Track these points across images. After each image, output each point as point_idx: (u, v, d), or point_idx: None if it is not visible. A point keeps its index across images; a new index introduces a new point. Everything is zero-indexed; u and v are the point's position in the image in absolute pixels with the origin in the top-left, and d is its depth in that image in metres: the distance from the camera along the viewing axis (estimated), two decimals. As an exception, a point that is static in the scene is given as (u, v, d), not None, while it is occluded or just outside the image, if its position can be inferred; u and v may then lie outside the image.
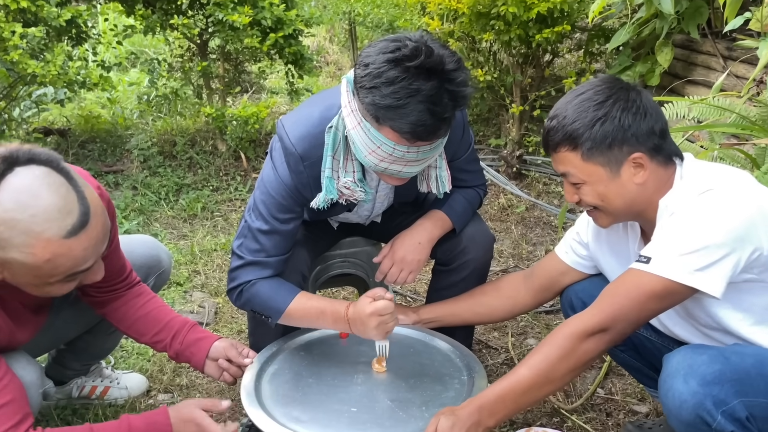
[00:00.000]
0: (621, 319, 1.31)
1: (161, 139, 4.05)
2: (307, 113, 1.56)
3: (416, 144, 1.38)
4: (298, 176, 1.54)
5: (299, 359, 1.66)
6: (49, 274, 1.21)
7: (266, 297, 1.60)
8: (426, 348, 1.71)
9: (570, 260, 1.68)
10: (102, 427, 1.40)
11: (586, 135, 1.33)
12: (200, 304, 2.53)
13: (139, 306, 1.63)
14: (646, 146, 1.34)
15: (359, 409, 1.45)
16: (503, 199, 3.50)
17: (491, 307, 1.76)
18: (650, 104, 1.35)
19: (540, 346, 1.36)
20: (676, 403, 1.23)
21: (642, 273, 1.29)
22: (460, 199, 1.77)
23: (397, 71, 1.32)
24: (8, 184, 1.13)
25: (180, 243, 3.11)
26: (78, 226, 1.18)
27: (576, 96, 1.37)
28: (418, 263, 1.73)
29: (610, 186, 1.37)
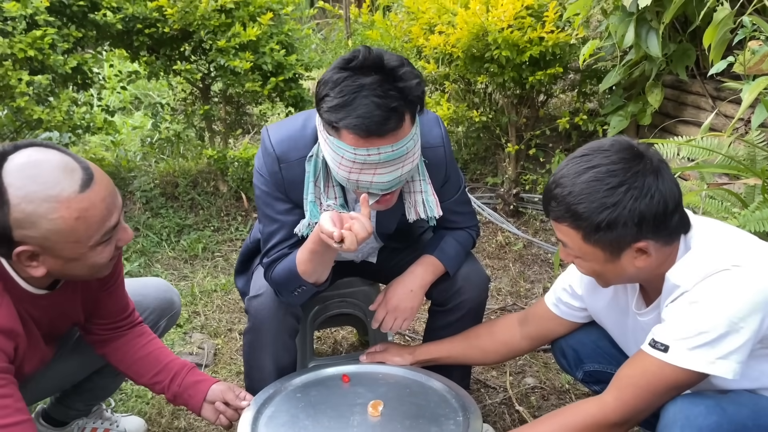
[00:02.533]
0: (642, 409, 1.31)
1: (164, 180, 4.12)
2: (291, 121, 1.65)
3: (372, 142, 1.39)
4: (274, 175, 1.60)
5: (296, 401, 1.67)
6: (86, 234, 1.25)
7: (282, 272, 1.63)
8: (422, 389, 1.72)
9: (561, 312, 1.68)
10: None
11: (590, 220, 1.25)
12: (200, 345, 2.54)
13: (140, 347, 1.66)
14: (653, 232, 1.27)
15: (355, 451, 1.46)
16: (501, 237, 3.53)
17: (485, 351, 1.78)
18: (667, 185, 1.26)
19: (556, 422, 1.37)
20: None
21: (662, 363, 1.26)
22: (452, 242, 1.80)
23: (342, 74, 1.40)
24: (8, 168, 1.20)
25: (180, 284, 3.14)
26: (87, 179, 1.24)
27: (587, 168, 1.26)
28: (411, 310, 1.76)
29: (606, 266, 1.33)
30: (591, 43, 2.82)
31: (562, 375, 2.35)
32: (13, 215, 1.20)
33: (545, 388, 2.29)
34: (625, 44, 2.71)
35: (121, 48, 3.78)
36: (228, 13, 3.50)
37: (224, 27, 3.49)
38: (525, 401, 2.22)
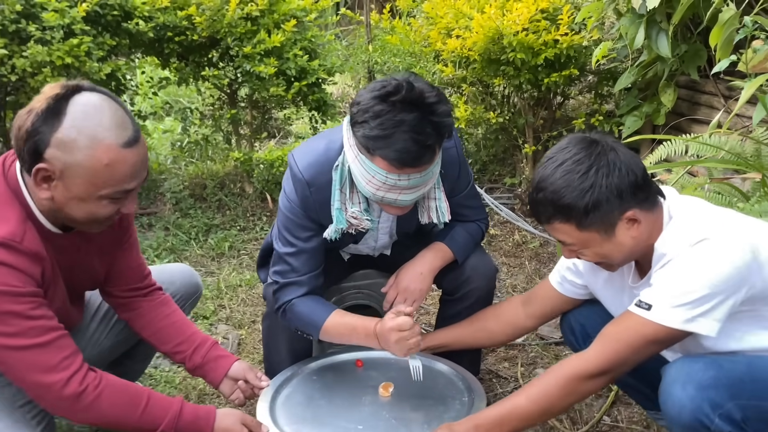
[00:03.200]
0: (621, 362, 1.40)
1: (192, 182, 4.28)
2: (314, 146, 1.74)
3: (405, 171, 1.51)
4: (305, 200, 1.70)
5: (312, 383, 1.78)
6: (104, 182, 1.35)
7: (304, 316, 1.74)
8: (430, 372, 1.81)
9: (565, 290, 1.78)
10: (158, 399, 1.51)
11: (577, 207, 1.37)
12: (224, 336, 2.67)
13: (165, 315, 1.76)
14: (635, 201, 1.39)
15: (365, 427, 1.56)
16: (517, 236, 3.61)
17: (491, 332, 1.86)
18: (628, 158, 1.40)
19: (542, 378, 1.46)
20: (676, 409, 1.32)
21: (644, 320, 1.36)
22: (461, 232, 1.90)
23: (383, 106, 1.47)
24: (77, 100, 1.34)
25: (207, 279, 3.28)
26: (132, 140, 1.37)
27: (557, 167, 1.39)
28: (421, 292, 1.85)
29: (606, 246, 1.43)
30: (603, 45, 2.89)
31: (572, 367, 2.42)
32: (57, 134, 1.31)
33: (555, 379, 2.35)
34: (636, 45, 2.78)
35: (152, 55, 3.96)
36: (254, 20, 3.65)
37: (250, 34, 3.64)
38: (535, 391, 2.29)
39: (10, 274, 1.33)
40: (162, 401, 1.52)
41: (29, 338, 1.36)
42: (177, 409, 1.51)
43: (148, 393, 1.51)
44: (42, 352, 1.37)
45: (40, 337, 1.37)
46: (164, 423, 1.48)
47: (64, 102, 1.33)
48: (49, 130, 1.31)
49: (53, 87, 1.36)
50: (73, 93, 1.34)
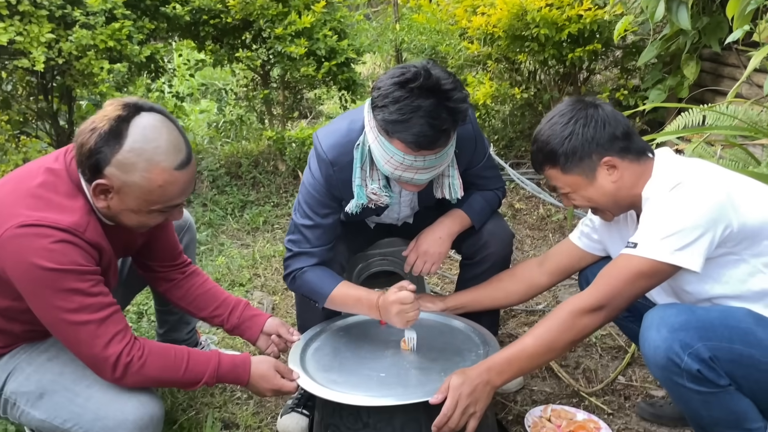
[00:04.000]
0: (615, 297, 1.51)
1: (228, 161, 4.46)
2: (337, 127, 1.86)
3: (421, 153, 1.62)
4: (329, 179, 1.82)
5: (339, 338, 1.92)
6: (156, 200, 1.48)
7: (313, 284, 1.87)
8: (449, 329, 1.94)
9: (583, 245, 1.89)
10: (197, 355, 1.62)
11: (559, 152, 1.58)
12: (259, 301, 2.84)
13: (199, 284, 1.92)
14: (613, 150, 1.56)
15: (387, 374, 1.70)
16: (542, 210, 3.69)
17: (508, 291, 1.98)
18: (609, 115, 1.58)
19: (545, 319, 1.58)
20: (651, 351, 1.43)
21: (631, 256, 1.49)
22: (479, 199, 2.01)
23: (402, 92, 1.58)
24: (137, 122, 1.44)
25: (243, 251, 3.46)
26: (185, 162, 1.48)
27: (547, 121, 1.62)
28: (439, 255, 1.97)
29: (590, 190, 1.60)
30: (625, 19, 2.93)
31: (590, 331, 2.51)
32: (118, 157, 1.42)
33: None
34: (656, 19, 2.81)
35: (188, 38, 4.13)
36: (284, 2, 3.78)
37: (281, 16, 3.77)
38: (553, 352, 2.39)
39: (76, 253, 1.45)
40: (201, 357, 1.64)
41: (88, 314, 1.46)
42: (215, 361, 1.64)
43: (188, 352, 1.63)
44: (98, 328, 1.47)
45: (97, 313, 1.47)
46: (206, 376, 1.61)
47: (125, 124, 1.42)
48: (111, 151, 1.41)
49: (115, 106, 1.45)
50: (134, 114, 1.44)
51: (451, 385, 1.51)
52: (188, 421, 1.99)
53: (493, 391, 1.55)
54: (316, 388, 1.64)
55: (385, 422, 1.61)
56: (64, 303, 1.44)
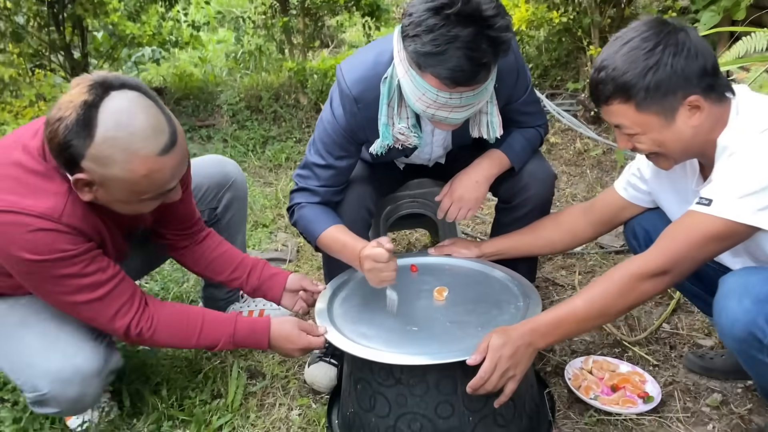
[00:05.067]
0: (681, 261, 1.34)
1: (248, 94, 4.29)
2: (362, 59, 1.67)
3: (457, 90, 1.44)
4: (353, 117, 1.66)
5: (367, 286, 1.79)
6: (144, 190, 1.34)
7: (307, 221, 1.75)
8: (485, 278, 1.81)
9: (629, 195, 1.72)
10: (213, 320, 1.58)
11: (639, 86, 1.31)
12: (284, 243, 2.74)
13: (213, 248, 1.80)
14: (700, 87, 1.32)
15: (420, 328, 1.59)
16: (579, 144, 3.48)
17: (551, 240, 1.83)
18: (700, 43, 1.33)
19: (599, 281, 1.42)
20: (729, 322, 1.28)
21: (704, 216, 1.30)
22: (519, 138, 1.84)
23: (437, 19, 1.38)
24: (107, 107, 1.26)
25: (266, 190, 3.34)
26: (169, 145, 1.32)
27: (623, 44, 1.34)
28: (476, 201, 1.82)
29: (665, 133, 1.37)
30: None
31: (632, 275, 2.37)
32: (91, 150, 1.26)
33: (614, 287, 2.32)
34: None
35: (202, -38, 3.88)
36: None
37: (300, -65, 3.50)
38: (592, 298, 2.27)
39: (58, 240, 1.34)
40: (217, 322, 1.58)
41: (86, 293, 1.41)
42: (231, 327, 1.57)
43: (203, 317, 1.56)
44: (99, 305, 1.43)
45: (97, 291, 1.42)
46: (221, 342, 1.57)
47: (93, 110, 1.25)
48: (83, 143, 1.25)
49: (80, 89, 1.26)
50: (101, 97, 1.26)
51: (490, 345, 1.39)
52: (213, 371, 1.93)
53: (535, 353, 1.43)
54: (345, 343, 1.54)
55: (418, 378, 1.51)
56: (58, 288, 1.40)
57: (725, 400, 1.75)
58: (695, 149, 1.41)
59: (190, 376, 1.91)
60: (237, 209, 1.96)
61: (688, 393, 1.80)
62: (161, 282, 2.42)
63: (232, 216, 1.94)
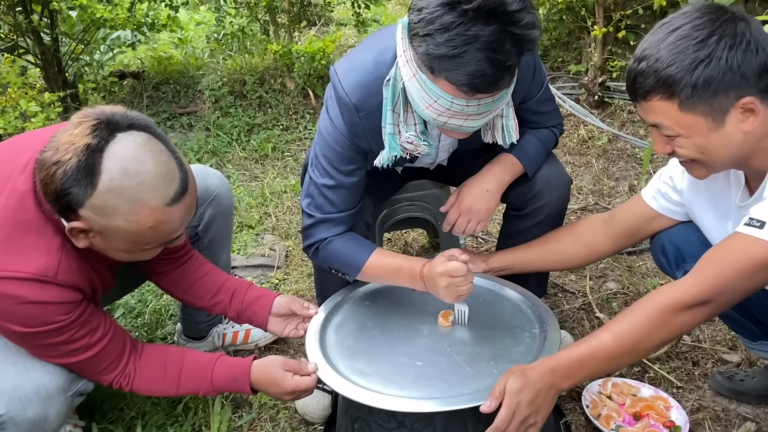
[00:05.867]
0: (726, 291, 1.16)
1: (231, 78, 4.04)
2: (361, 59, 1.45)
3: (476, 97, 1.25)
4: (354, 127, 1.45)
5: (364, 309, 1.63)
6: (148, 240, 1.23)
7: (342, 255, 1.56)
8: (495, 298, 1.63)
9: (659, 206, 1.53)
10: (192, 368, 1.45)
11: (685, 81, 1.13)
12: (271, 247, 2.54)
13: (193, 271, 1.62)
14: (757, 88, 1.14)
15: (424, 363, 1.41)
16: (583, 131, 3.29)
17: (566, 255, 1.64)
18: (762, 35, 1.14)
19: (628, 312, 1.23)
20: None
21: (754, 240, 1.12)
22: (533, 140, 1.64)
23: (453, 16, 1.17)
24: (112, 152, 1.13)
25: (252, 185, 3.13)
26: (180, 193, 1.20)
27: (670, 32, 1.16)
28: (487, 212, 1.62)
29: (711, 137, 1.18)
30: None
31: (647, 279, 2.21)
32: (92, 200, 1.14)
33: (628, 294, 2.16)
34: None
35: (178, -62, 3.61)
36: None
37: None
38: (606, 307, 2.10)
39: (51, 311, 1.25)
40: (197, 368, 1.45)
41: (74, 356, 1.34)
42: (209, 375, 1.44)
43: (181, 368, 1.44)
44: (87, 364, 1.36)
45: (84, 354, 1.34)
46: (201, 392, 1.46)
47: (97, 155, 1.12)
48: (83, 192, 1.13)
49: (82, 129, 1.13)
50: (107, 140, 1.13)
51: (507, 389, 1.21)
52: (194, 401, 1.75)
53: (556, 396, 1.24)
54: (339, 383, 1.36)
55: (423, 423, 1.34)
56: (47, 351, 1.32)
57: (759, 429, 1.60)
58: (741, 157, 1.23)
59: (169, 409, 1.73)
60: (220, 225, 1.75)
61: (718, 421, 1.64)
62: (138, 294, 2.22)
63: (215, 233, 1.74)
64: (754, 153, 1.21)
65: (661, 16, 3.50)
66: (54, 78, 3.58)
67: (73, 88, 3.68)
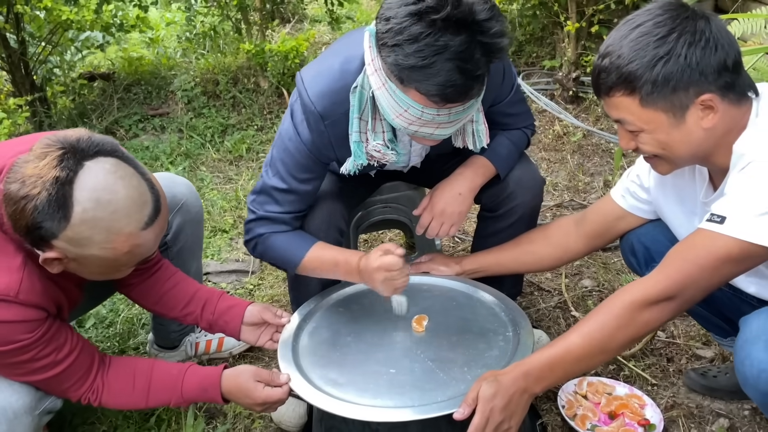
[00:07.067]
0: (690, 286, 1.17)
1: (204, 78, 3.99)
2: (327, 66, 1.43)
3: (446, 106, 1.24)
4: (319, 136, 1.44)
5: (338, 316, 1.61)
6: (124, 263, 1.24)
7: (281, 249, 1.55)
8: (469, 301, 1.62)
9: (627, 205, 1.54)
10: (161, 374, 1.44)
11: (645, 77, 1.15)
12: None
13: (163, 281, 1.59)
14: (716, 85, 1.15)
15: (398, 370, 1.40)
16: (558, 127, 3.29)
17: (539, 256, 1.64)
18: (722, 33, 1.15)
19: (596, 312, 1.24)
20: (754, 372, 1.12)
21: (716, 235, 1.13)
22: (505, 142, 1.63)
23: (421, 26, 1.16)
24: (82, 183, 1.12)
25: (226, 187, 3.09)
26: (153, 216, 1.21)
27: (632, 29, 1.18)
28: (460, 215, 1.62)
29: (672, 133, 1.20)
30: None
31: (622, 276, 2.22)
32: (67, 232, 1.13)
33: (603, 291, 2.17)
34: None
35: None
36: None
37: None
38: (581, 305, 2.11)
39: (15, 330, 1.24)
40: (165, 381, 1.44)
41: (40, 374, 1.32)
42: (179, 386, 1.43)
43: (150, 380, 1.43)
44: (54, 381, 1.35)
45: (51, 371, 1.33)
46: (171, 403, 1.45)
47: (67, 188, 1.11)
48: (57, 226, 1.12)
49: (49, 161, 1.11)
50: (75, 170, 1.12)
51: (480, 396, 1.21)
52: (167, 412, 1.72)
53: (530, 400, 1.25)
54: (313, 394, 1.34)
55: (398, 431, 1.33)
56: (12, 370, 1.31)
57: (733, 425, 1.62)
58: (704, 154, 1.24)
59: (141, 422, 1.69)
60: (190, 234, 1.73)
61: (692, 418, 1.65)
62: (109, 304, 2.18)
63: (184, 242, 1.71)
64: (716, 149, 1.21)
65: (633, 10, 3.52)
66: (21, 81, 3.50)
67: (41, 92, 3.60)
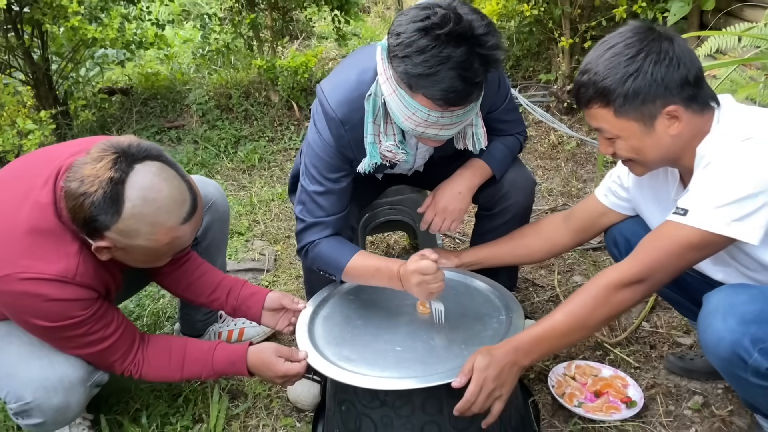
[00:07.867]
0: (658, 270, 1.34)
1: (217, 92, 4.19)
2: (344, 77, 1.63)
3: (449, 109, 1.43)
4: (340, 139, 1.62)
5: (349, 303, 1.79)
6: (165, 253, 1.43)
7: (327, 257, 1.71)
8: (467, 289, 1.80)
9: (609, 203, 1.72)
10: (195, 354, 1.62)
11: (618, 91, 1.32)
12: (261, 252, 2.70)
13: (192, 270, 1.77)
14: (680, 97, 1.32)
15: (404, 348, 1.57)
16: (553, 137, 3.48)
17: (531, 249, 1.82)
18: (684, 52, 1.32)
19: (577, 293, 1.42)
20: (714, 340, 1.28)
21: (679, 225, 1.30)
22: (500, 147, 1.82)
23: (427, 40, 1.35)
24: (133, 183, 1.32)
25: (240, 194, 3.28)
26: (191, 212, 1.39)
27: (606, 49, 1.35)
28: (460, 212, 1.80)
29: (644, 140, 1.37)
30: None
31: (610, 273, 2.39)
32: (118, 225, 1.32)
33: (593, 286, 2.33)
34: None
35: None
36: None
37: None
38: (572, 299, 2.27)
39: (72, 307, 1.42)
40: (198, 356, 1.62)
41: (90, 348, 1.50)
42: (210, 358, 1.61)
43: (184, 353, 1.61)
44: (101, 354, 1.53)
45: (99, 345, 1.51)
46: (203, 375, 1.63)
47: (120, 187, 1.31)
48: (110, 219, 1.32)
49: (105, 163, 1.31)
50: (127, 172, 1.32)
51: (475, 367, 1.38)
52: (193, 393, 1.89)
53: (520, 372, 1.42)
54: (327, 367, 1.52)
55: (403, 400, 1.50)
56: (68, 343, 1.49)
57: (707, 402, 1.78)
58: (672, 157, 1.42)
59: (170, 401, 1.87)
60: (217, 231, 1.93)
61: (670, 396, 1.82)
62: (136, 299, 2.36)
63: (212, 238, 1.91)
64: (683, 153, 1.39)
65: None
66: (45, 96, 3.71)
67: (63, 105, 3.81)
